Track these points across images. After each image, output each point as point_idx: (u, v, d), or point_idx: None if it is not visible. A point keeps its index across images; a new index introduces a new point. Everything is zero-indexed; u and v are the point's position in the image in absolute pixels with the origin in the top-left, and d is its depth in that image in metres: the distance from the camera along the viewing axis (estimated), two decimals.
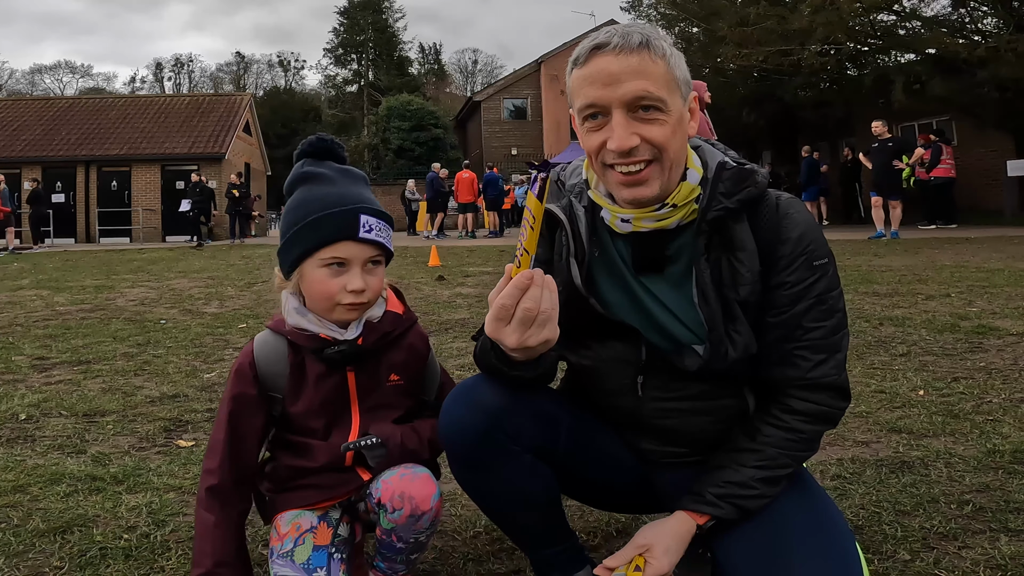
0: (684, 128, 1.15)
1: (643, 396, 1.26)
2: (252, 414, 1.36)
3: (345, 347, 1.33)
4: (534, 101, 30.68)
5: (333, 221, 1.30)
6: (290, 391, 1.37)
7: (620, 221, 1.21)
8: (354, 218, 1.31)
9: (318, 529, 1.34)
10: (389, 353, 1.40)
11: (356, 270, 1.31)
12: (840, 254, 8.45)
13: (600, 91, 1.11)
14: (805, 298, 1.17)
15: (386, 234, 1.36)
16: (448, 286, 6.92)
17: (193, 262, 11.25)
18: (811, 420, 1.20)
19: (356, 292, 1.30)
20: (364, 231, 1.31)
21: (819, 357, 1.18)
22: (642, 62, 1.09)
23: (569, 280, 1.24)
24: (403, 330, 1.42)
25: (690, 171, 1.19)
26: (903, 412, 2.52)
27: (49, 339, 4.47)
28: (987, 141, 15.73)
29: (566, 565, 1.35)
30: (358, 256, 1.31)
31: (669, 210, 1.17)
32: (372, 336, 1.36)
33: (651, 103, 1.10)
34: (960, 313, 4.38)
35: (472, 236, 17.91)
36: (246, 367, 1.37)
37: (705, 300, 1.17)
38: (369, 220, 1.32)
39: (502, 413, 1.20)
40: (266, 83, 54.74)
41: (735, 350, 1.17)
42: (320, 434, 1.37)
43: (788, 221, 1.18)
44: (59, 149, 23.14)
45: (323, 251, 1.30)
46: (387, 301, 1.43)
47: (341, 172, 1.38)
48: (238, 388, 1.36)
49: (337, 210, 1.31)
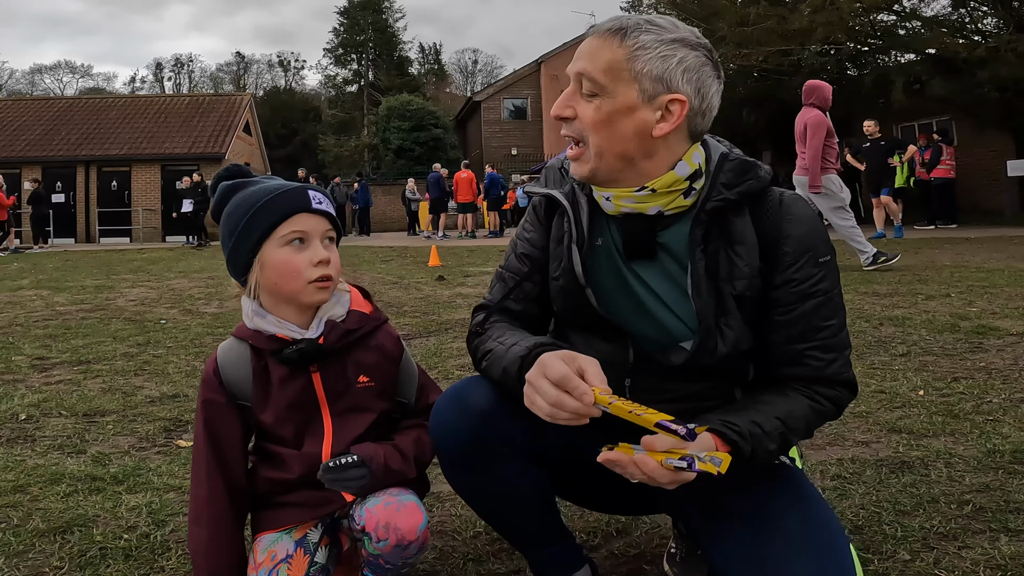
0: (631, 124, 1.13)
1: (631, 398, 1.26)
2: (226, 420, 1.34)
3: (303, 345, 1.30)
4: (534, 101, 30.67)
5: (284, 198, 1.30)
6: (257, 398, 1.34)
7: (604, 200, 1.22)
8: (303, 192, 1.32)
9: (293, 559, 1.31)
10: (356, 353, 1.36)
11: (316, 243, 1.30)
12: (840, 254, 8.42)
13: (570, 63, 1.18)
14: (813, 296, 1.16)
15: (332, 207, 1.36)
16: (448, 286, 6.92)
17: (193, 262, 11.25)
18: (831, 401, 1.19)
19: (323, 263, 1.29)
20: (316, 203, 1.32)
21: (830, 356, 1.17)
22: (599, 46, 1.14)
23: (569, 266, 1.24)
24: (370, 329, 1.38)
25: (681, 163, 1.18)
26: (903, 412, 2.52)
27: (49, 339, 4.47)
28: (987, 141, 15.72)
29: (564, 565, 1.35)
30: (316, 228, 1.31)
31: (647, 193, 1.17)
32: (334, 335, 1.32)
33: (589, 84, 1.14)
34: (960, 313, 4.38)
35: (472, 236, 17.92)
36: (211, 374, 1.35)
37: (698, 291, 1.16)
38: (316, 195, 1.33)
39: (493, 416, 1.20)
40: (266, 83, 54.72)
41: (724, 344, 1.16)
42: (291, 442, 1.34)
43: (791, 217, 1.18)
44: (59, 149, 23.14)
45: (281, 228, 1.29)
46: (352, 300, 1.39)
47: (265, 177, 1.40)
48: (207, 395, 1.34)
49: (285, 189, 1.32)
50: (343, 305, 1.36)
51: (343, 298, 1.38)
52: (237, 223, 1.31)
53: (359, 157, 37.43)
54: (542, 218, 1.33)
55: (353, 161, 36.13)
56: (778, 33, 15.50)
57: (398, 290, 6.75)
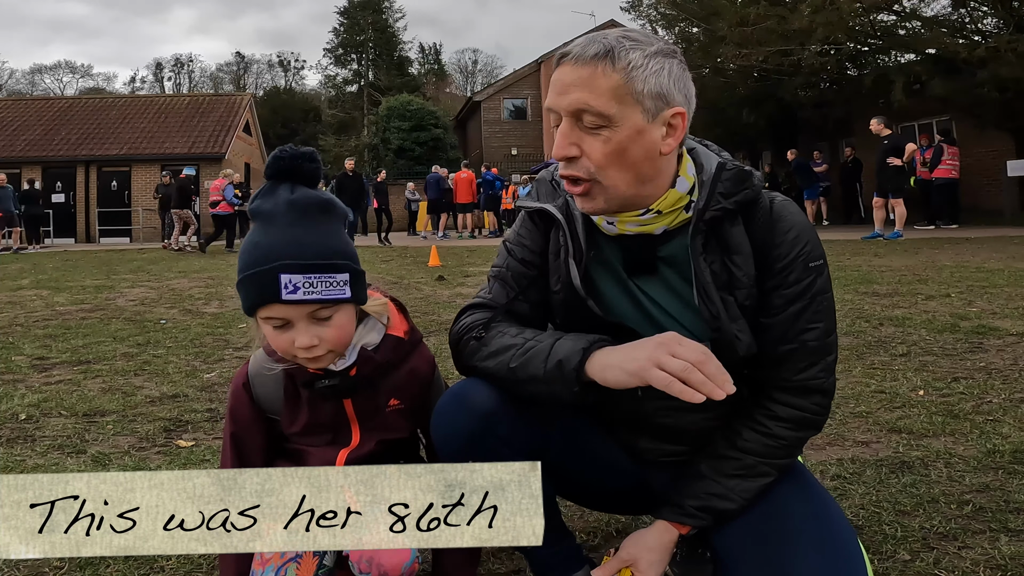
0: (638, 151, 1.10)
1: (642, 397, 1.26)
2: (252, 433, 1.34)
3: (336, 380, 1.24)
4: (534, 101, 30.68)
5: (253, 285, 1.14)
6: (286, 415, 1.33)
7: (606, 223, 1.20)
8: (273, 280, 1.12)
9: (303, 559, 1.28)
10: (388, 378, 1.31)
11: (301, 326, 1.16)
12: (840, 254, 8.45)
13: (554, 99, 1.11)
14: (801, 299, 1.17)
15: (323, 286, 1.15)
16: (448, 286, 6.92)
17: (193, 262, 11.25)
18: (794, 426, 1.20)
19: (306, 348, 1.16)
20: (287, 293, 1.12)
21: (810, 360, 1.18)
22: (592, 74, 1.07)
23: (568, 281, 1.23)
24: (404, 356, 1.32)
25: (680, 179, 1.17)
26: (903, 412, 2.52)
27: (49, 339, 4.47)
28: (987, 141, 15.72)
29: (564, 565, 1.35)
30: (294, 315, 1.15)
31: (653, 216, 1.16)
32: (367, 367, 1.26)
33: (593, 118, 1.08)
34: (960, 313, 4.38)
35: (472, 236, 17.92)
36: (241, 389, 1.33)
37: (708, 297, 1.16)
38: (292, 279, 1.12)
39: (495, 416, 1.19)
40: (266, 83, 54.73)
41: (741, 349, 1.16)
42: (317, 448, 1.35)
43: (782, 223, 1.18)
44: (59, 149, 23.14)
45: (259, 313, 1.17)
46: (388, 322, 1.32)
47: (288, 206, 1.16)
48: (236, 407, 1.34)
49: (254, 271, 1.14)
50: (378, 332, 1.30)
51: (377, 324, 1.31)
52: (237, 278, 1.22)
53: (359, 157, 37.39)
54: (539, 226, 1.32)
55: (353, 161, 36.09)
56: (778, 33, 15.50)
57: (398, 290, 6.75)
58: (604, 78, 1.07)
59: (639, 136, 1.09)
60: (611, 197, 1.13)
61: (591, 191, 1.13)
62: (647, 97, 1.08)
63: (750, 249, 1.17)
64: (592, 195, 1.13)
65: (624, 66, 1.07)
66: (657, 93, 1.09)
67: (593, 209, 1.15)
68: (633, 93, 1.07)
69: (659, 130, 1.10)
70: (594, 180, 1.11)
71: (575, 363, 1.09)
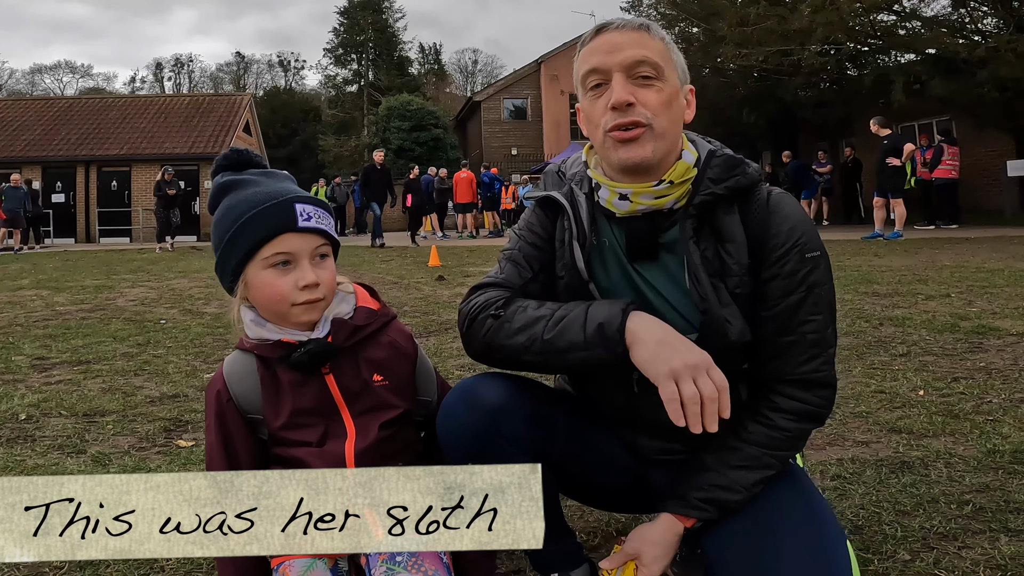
0: (679, 107, 1.22)
1: (639, 392, 1.26)
2: (241, 435, 1.28)
3: (312, 346, 1.22)
4: (534, 101, 30.68)
5: (268, 215, 1.20)
6: (268, 407, 1.26)
7: (618, 199, 1.21)
8: (289, 208, 1.21)
9: None
10: (367, 351, 1.29)
11: (304, 263, 1.21)
12: (840, 254, 8.45)
13: (603, 58, 1.19)
14: (798, 290, 1.18)
15: (327, 222, 1.25)
16: (448, 286, 6.92)
17: (193, 262, 11.25)
18: (798, 418, 1.21)
19: (310, 287, 1.20)
20: (303, 220, 1.21)
21: (811, 352, 1.19)
22: (641, 37, 1.19)
23: (572, 263, 1.25)
24: (379, 326, 1.31)
25: (685, 152, 1.23)
26: (903, 412, 2.52)
27: (49, 339, 4.47)
28: (987, 141, 15.72)
29: (564, 563, 1.36)
30: (303, 248, 1.21)
31: (666, 186, 1.19)
32: (342, 333, 1.25)
33: (649, 68, 1.17)
34: (960, 313, 4.38)
35: (472, 236, 17.91)
36: (221, 390, 1.28)
37: (698, 280, 1.17)
38: (306, 208, 1.22)
39: (500, 415, 1.20)
40: (266, 83, 54.71)
41: (732, 334, 1.16)
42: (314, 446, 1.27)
43: (778, 215, 1.19)
44: (59, 149, 23.15)
45: (264, 249, 1.20)
46: (358, 298, 1.33)
47: (263, 174, 1.28)
48: (218, 410, 1.27)
49: (269, 204, 1.21)
50: (349, 303, 1.30)
51: (349, 298, 1.31)
52: (222, 237, 1.23)
53: (359, 157, 37.41)
54: (547, 213, 1.34)
55: (353, 161, 36.08)
56: (778, 33, 15.50)
57: (398, 290, 6.75)
58: (652, 41, 1.20)
59: (677, 95, 1.21)
60: (659, 145, 1.18)
61: (643, 137, 1.18)
62: (678, 67, 1.22)
63: (744, 238, 1.18)
64: (643, 141, 1.17)
65: (661, 37, 1.22)
66: (683, 67, 1.24)
67: (641, 156, 1.18)
68: (672, 58, 1.21)
69: (684, 99, 1.23)
70: (649, 126, 1.17)
71: (617, 324, 1.11)
